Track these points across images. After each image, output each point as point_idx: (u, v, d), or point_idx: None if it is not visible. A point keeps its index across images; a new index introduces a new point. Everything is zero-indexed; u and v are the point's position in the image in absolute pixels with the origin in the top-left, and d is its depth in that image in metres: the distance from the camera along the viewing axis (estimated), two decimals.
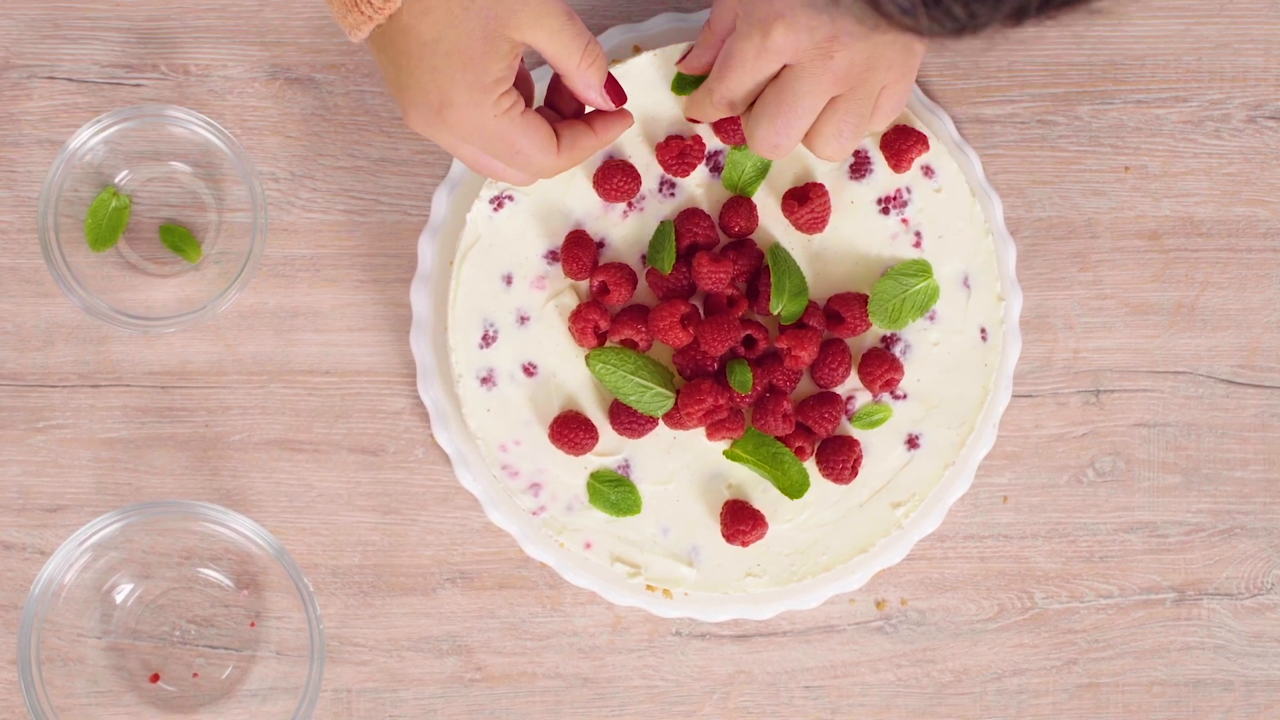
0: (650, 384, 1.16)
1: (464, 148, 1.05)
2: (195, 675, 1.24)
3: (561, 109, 1.10)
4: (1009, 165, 1.25)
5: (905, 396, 1.19)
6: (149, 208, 1.24)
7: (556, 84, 1.10)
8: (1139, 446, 1.25)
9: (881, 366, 1.18)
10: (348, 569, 1.24)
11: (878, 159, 1.19)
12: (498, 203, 1.18)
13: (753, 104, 1.11)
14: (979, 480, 1.24)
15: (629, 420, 1.17)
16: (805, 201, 1.17)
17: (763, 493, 1.19)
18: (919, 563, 1.25)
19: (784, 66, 1.08)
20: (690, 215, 1.18)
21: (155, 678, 1.24)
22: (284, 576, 1.19)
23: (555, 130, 1.06)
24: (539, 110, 1.08)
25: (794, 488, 1.17)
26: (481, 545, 1.24)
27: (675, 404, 1.17)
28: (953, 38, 0.75)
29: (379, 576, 1.24)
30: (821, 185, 1.18)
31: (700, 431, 1.19)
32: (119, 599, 1.23)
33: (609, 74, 1.07)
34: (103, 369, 1.24)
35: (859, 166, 1.19)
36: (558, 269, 1.19)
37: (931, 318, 1.19)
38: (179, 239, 1.24)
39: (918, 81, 1.24)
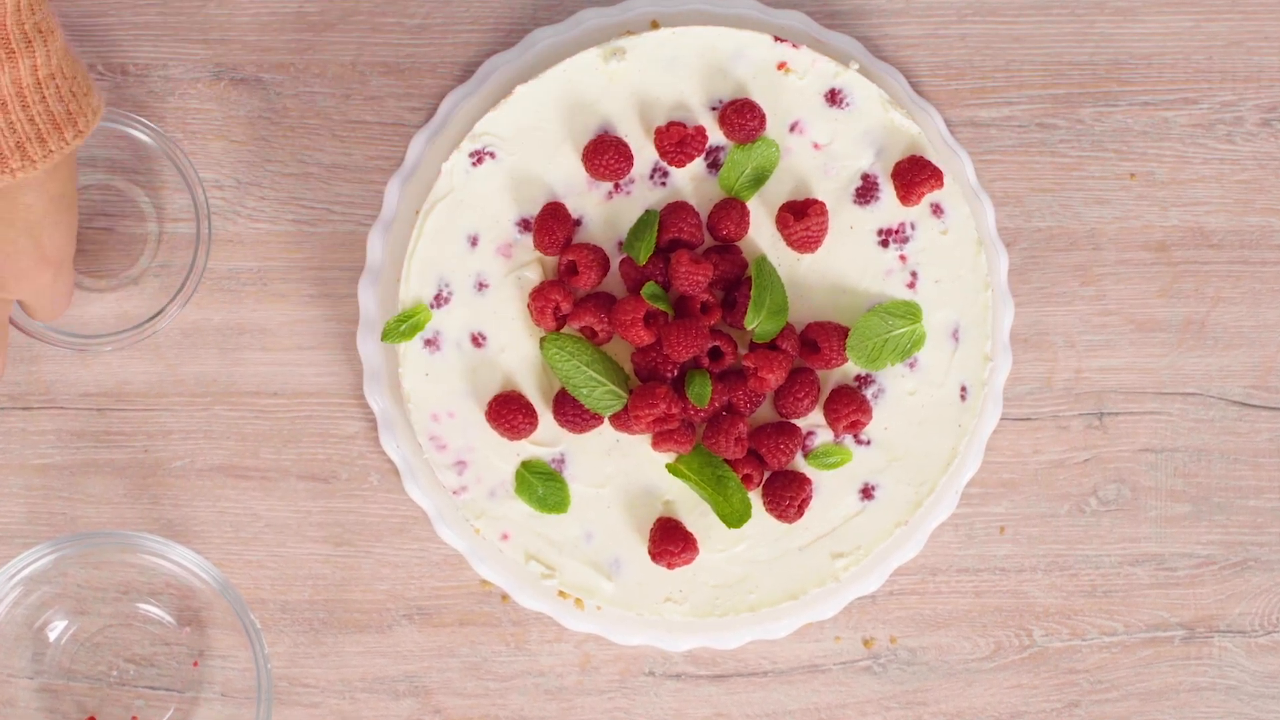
0: (603, 379, 1.15)
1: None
2: (134, 718, 1.23)
3: None
4: (1006, 171, 1.24)
5: (869, 443, 1.18)
6: (85, 217, 1.23)
7: None
8: (1145, 473, 1.24)
9: (849, 406, 1.16)
10: (297, 604, 1.23)
11: (886, 187, 1.17)
12: (478, 157, 1.17)
13: None
14: (974, 509, 1.24)
15: (573, 413, 1.16)
16: (802, 217, 1.16)
17: (699, 516, 1.18)
18: (909, 598, 1.24)
19: None
20: (678, 209, 1.17)
21: None
22: (229, 612, 1.18)
23: None
24: None
25: (734, 516, 1.16)
26: (440, 579, 1.24)
27: (626, 405, 1.16)
28: None
29: (331, 612, 1.23)
30: (822, 203, 1.17)
31: (646, 439, 1.18)
32: (52, 637, 1.23)
33: None
34: (35, 390, 1.23)
35: (865, 191, 1.18)
36: (528, 240, 1.18)
37: (912, 365, 1.18)
38: None
39: (918, 91, 1.24)
